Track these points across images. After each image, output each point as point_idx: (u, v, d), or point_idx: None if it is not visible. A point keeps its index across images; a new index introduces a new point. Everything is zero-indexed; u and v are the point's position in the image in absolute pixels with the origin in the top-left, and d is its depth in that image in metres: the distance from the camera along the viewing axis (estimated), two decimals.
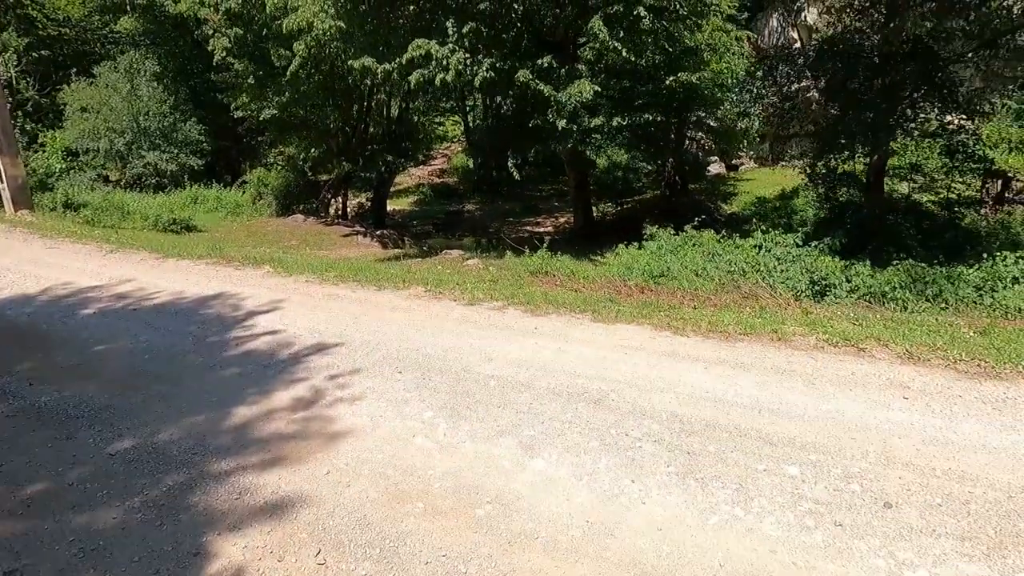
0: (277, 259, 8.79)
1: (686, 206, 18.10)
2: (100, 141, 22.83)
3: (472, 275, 8.19)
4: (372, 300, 6.30)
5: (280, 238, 16.00)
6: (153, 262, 8.64)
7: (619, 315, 5.44)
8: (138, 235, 13.66)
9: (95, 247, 9.93)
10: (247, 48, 17.58)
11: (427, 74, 10.45)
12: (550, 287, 7.13)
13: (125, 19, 23.18)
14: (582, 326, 5.21)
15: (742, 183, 21.32)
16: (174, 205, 20.48)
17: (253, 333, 5.26)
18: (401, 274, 7.88)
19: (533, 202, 24.39)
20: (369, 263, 12.11)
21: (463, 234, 19.37)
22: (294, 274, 7.75)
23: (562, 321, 5.37)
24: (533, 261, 9.77)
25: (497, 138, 22.65)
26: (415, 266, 12.06)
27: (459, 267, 11.43)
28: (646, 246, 11.13)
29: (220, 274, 7.74)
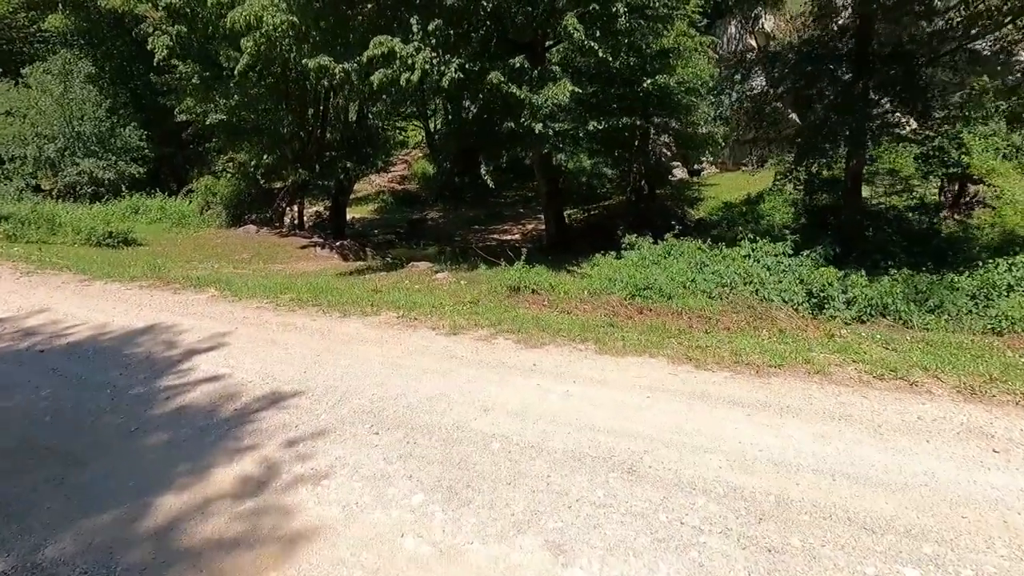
0: (224, 280, 7.66)
1: (654, 212, 17.67)
2: (28, 147, 20.74)
3: (447, 294, 7.30)
4: (336, 331, 5.33)
5: (230, 251, 14.64)
6: (76, 286, 7.38)
7: (626, 344, 4.68)
8: (66, 251, 12.13)
9: (9, 268, 8.53)
10: (192, 48, 16.13)
11: (390, 74, 9.49)
12: (538, 308, 6.32)
13: (54, 16, 21.14)
14: (588, 360, 4.41)
15: (706, 188, 21.11)
16: (112, 216, 18.70)
17: (191, 380, 4.23)
18: (368, 296, 6.91)
19: (498, 209, 23.59)
20: (330, 279, 11.02)
21: (428, 243, 18.38)
22: (244, 298, 6.68)
23: (563, 354, 4.55)
24: (510, 275, 8.94)
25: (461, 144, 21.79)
26: (380, 281, 11.05)
27: (429, 282, 10.49)
28: (626, 256, 10.49)
29: (155, 300, 6.58)
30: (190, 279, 7.70)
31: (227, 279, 7.71)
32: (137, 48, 21.31)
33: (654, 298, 8.07)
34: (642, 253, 10.40)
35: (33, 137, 20.79)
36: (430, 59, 9.44)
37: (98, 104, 21.40)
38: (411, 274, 11.53)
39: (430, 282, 10.51)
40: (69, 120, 20.99)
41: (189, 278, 7.77)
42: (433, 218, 22.52)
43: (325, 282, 8.71)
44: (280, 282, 7.73)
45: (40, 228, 15.71)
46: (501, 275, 10.87)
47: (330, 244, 15.47)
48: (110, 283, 7.55)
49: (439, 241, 18.68)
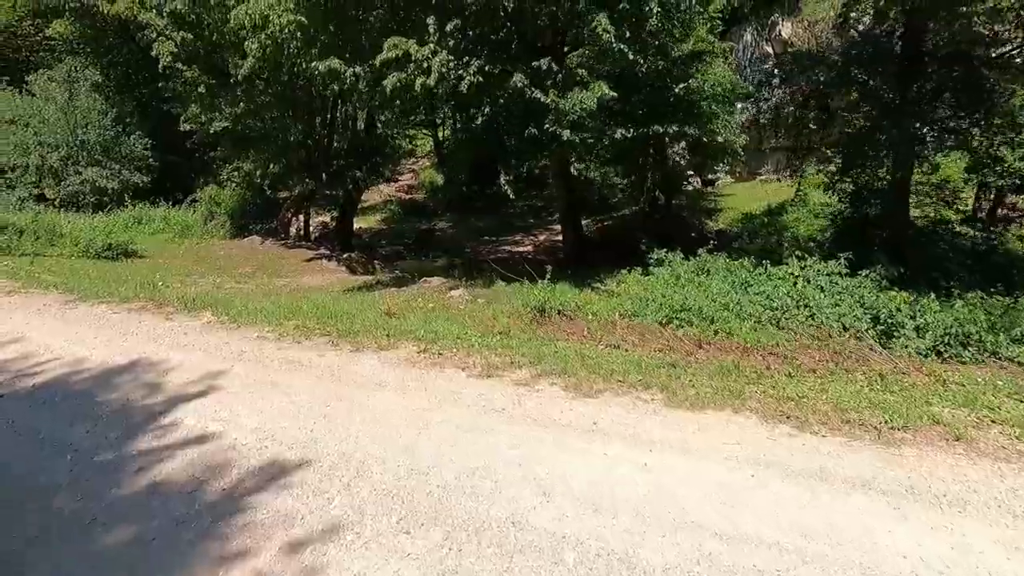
0: (222, 302, 6.81)
1: (671, 223, 16.83)
2: (30, 156, 20.03)
3: (471, 320, 6.44)
4: (349, 371, 4.47)
5: (233, 264, 13.83)
6: (59, 309, 6.54)
7: (699, 393, 3.81)
8: (61, 265, 11.32)
9: None
10: (198, 55, 15.41)
11: (405, 78, 8.70)
12: (579, 339, 5.45)
13: (58, 23, 20.48)
14: (658, 416, 3.54)
15: (722, 198, 20.27)
16: (114, 227, 17.93)
17: (172, 441, 3.38)
18: (382, 322, 6.06)
19: (508, 219, 22.78)
20: (337, 297, 10.18)
21: (437, 255, 17.56)
22: (243, 325, 5.83)
23: (625, 406, 3.69)
24: (535, 295, 8.08)
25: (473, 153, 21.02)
26: (391, 299, 10.20)
27: (444, 301, 9.64)
28: (655, 272, 9.64)
29: (144, 327, 5.74)
30: (185, 300, 6.86)
31: (225, 301, 6.86)
32: (143, 56, 20.63)
33: (694, 322, 7.23)
34: (673, 269, 9.56)
35: (36, 146, 20.08)
36: (447, 62, 8.65)
37: (103, 113, 20.71)
38: (424, 291, 10.69)
39: (445, 301, 9.66)
40: (73, 128, 20.29)
41: (184, 299, 6.92)
42: (442, 228, 21.71)
43: (333, 303, 7.85)
44: (284, 304, 6.88)
45: (39, 239, 14.95)
46: (522, 293, 10.04)
47: (337, 257, 14.66)
48: (97, 305, 6.71)
49: (449, 253, 17.85)
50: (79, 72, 21.28)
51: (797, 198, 16.64)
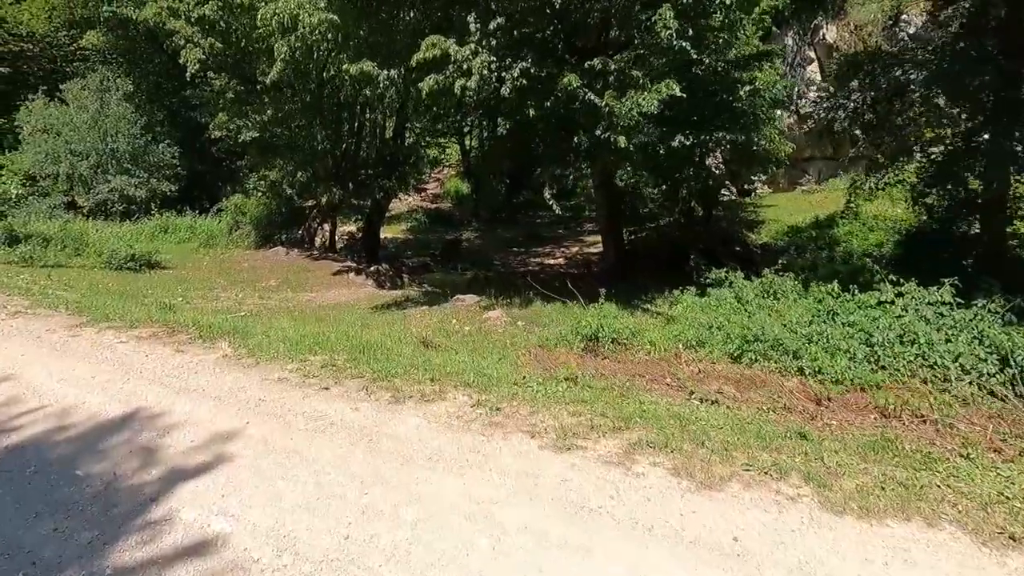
0: (242, 330, 5.94)
1: (713, 236, 15.70)
2: (60, 165, 19.70)
3: (524, 355, 5.49)
4: (388, 435, 3.52)
5: (257, 276, 13.09)
6: (62, 336, 5.74)
7: (858, 486, 2.78)
8: (80, 278, 10.67)
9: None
10: (225, 61, 14.82)
11: (443, 81, 7.81)
12: (664, 389, 4.45)
13: (91, 33, 20.18)
14: (821, 528, 2.52)
15: (763, 209, 19.04)
16: (140, 235, 17.43)
17: (161, 552, 2.46)
18: (421, 359, 5.12)
19: (535, 229, 21.85)
20: (366, 317, 9.31)
21: (465, 267, 16.67)
22: (263, 361, 4.94)
23: (764, 507, 2.67)
24: (586, 323, 7.10)
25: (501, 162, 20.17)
26: (423, 319, 9.30)
27: (481, 323, 8.70)
28: (714, 294, 8.59)
29: (150, 363, 4.89)
30: (201, 326, 6.01)
31: (245, 329, 5.99)
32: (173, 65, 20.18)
33: (772, 356, 6.16)
34: (736, 291, 8.49)
35: (67, 154, 19.75)
36: (488, 63, 7.73)
37: (133, 122, 20.33)
38: (457, 311, 9.77)
39: (482, 324, 8.72)
40: (103, 137, 19.93)
41: (200, 324, 6.08)
42: (469, 239, 20.83)
43: (362, 330, 6.96)
44: (311, 334, 5.98)
45: (66, 248, 14.45)
46: (566, 315, 9.06)
47: (364, 270, 13.83)
48: (104, 331, 5.89)
49: (477, 265, 16.95)
50: (111, 81, 20.97)
51: (848, 210, 15.39)
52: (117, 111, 20.12)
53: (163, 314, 6.79)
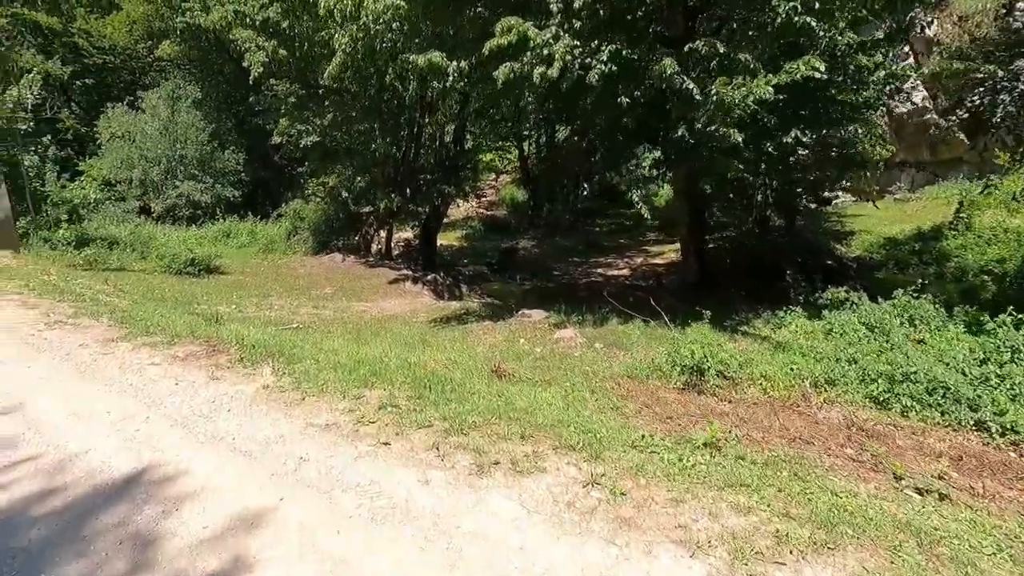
0: (289, 351, 4.99)
1: (799, 247, 13.94)
2: (134, 170, 20.00)
3: (637, 408, 4.28)
4: (474, 532, 2.40)
5: (312, 283, 12.42)
6: (92, 353, 4.96)
7: None
8: (138, 283, 10.22)
9: (39, 313, 6.35)
10: (288, 66, 14.39)
11: (520, 69, 6.74)
12: (847, 467, 3.12)
13: (166, 44, 20.48)
14: None
15: (848, 219, 17.03)
16: (203, 240, 17.28)
17: None
18: (499, 398, 4.00)
19: (594, 238, 20.54)
20: (425, 333, 8.32)
21: (523, 277, 15.57)
22: (309, 395, 3.94)
23: None
24: (687, 351, 5.83)
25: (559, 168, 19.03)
26: (487, 336, 8.22)
27: (553, 344, 7.53)
28: (836, 319, 7.11)
29: (179, 394, 3.98)
30: (244, 345, 5.11)
31: (292, 350, 5.04)
32: (240, 72, 20.27)
33: (939, 405, 4.78)
34: (861, 315, 7.00)
35: (140, 160, 20.04)
36: (571, 48, 6.60)
37: (201, 129, 20.45)
38: (524, 327, 8.63)
39: (555, 345, 7.55)
40: (173, 144, 20.12)
41: (243, 343, 5.18)
42: (525, 248, 19.75)
43: (424, 352, 5.93)
44: (366, 358, 4.96)
45: (134, 251, 14.32)
46: (651, 338, 7.78)
47: (421, 279, 12.94)
48: (140, 348, 5.09)
49: (536, 275, 15.82)
50: (182, 90, 21.23)
51: (958, 220, 13.31)
52: (186, 119, 20.28)
53: (207, 328, 5.97)
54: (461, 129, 14.79)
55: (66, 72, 22.17)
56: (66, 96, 23.65)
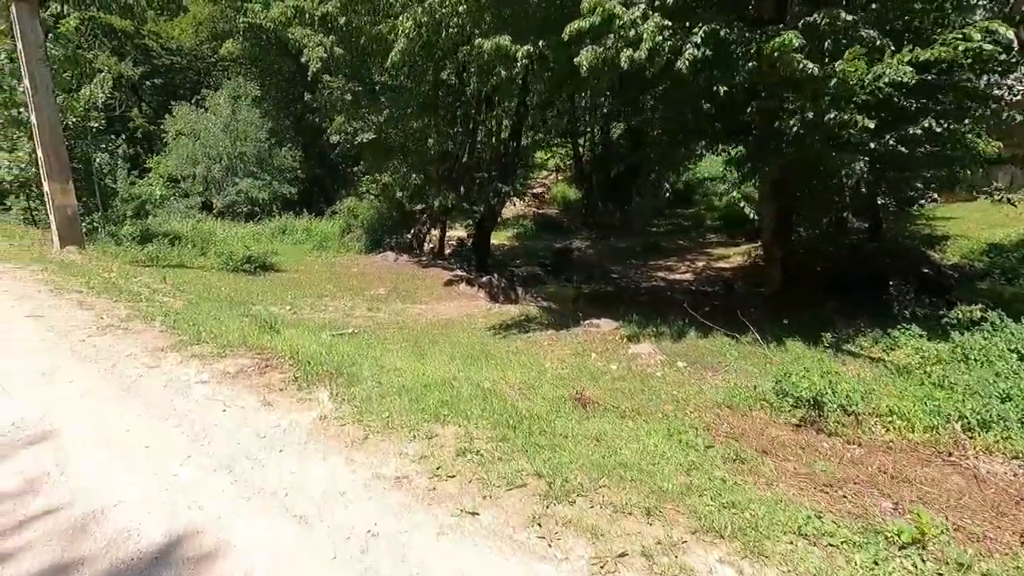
0: (348, 369, 4.37)
1: (890, 253, 12.47)
2: (197, 167, 20.30)
3: (786, 471, 3.41)
4: None
5: (366, 283, 11.98)
6: (138, 365, 4.47)
7: None
8: (195, 281, 9.98)
9: (94, 315, 6.02)
10: (345, 63, 14.05)
11: (603, 53, 5.91)
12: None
13: (229, 43, 20.64)
14: None
15: (939, 222, 15.28)
16: (260, 236, 17.26)
17: None
18: (603, 456, 3.21)
19: (651, 239, 19.40)
20: (487, 342, 7.61)
21: (580, 280, 14.70)
22: (373, 431, 3.27)
23: None
24: (800, 382, 4.91)
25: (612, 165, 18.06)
26: (553, 348, 7.43)
27: (628, 359, 6.66)
28: (974, 344, 5.98)
29: (225, 426, 3.38)
30: (299, 360, 4.53)
31: (351, 368, 4.41)
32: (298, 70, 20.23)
33: None
34: (1008, 339, 5.89)
35: (202, 157, 20.32)
36: (661, 28, 5.70)
37: (260, 126, 20.56)
38: (593, 339, 7.79)
39: (631, 362, 6.68)
40: (234, 141, 20.30)
41: (299, 357, 4.60)
42: (579, 248, 18.84)
43: (493, 371, 5.21)
44: (434, 381, 4.28)
45: (195, 247, 14.32)
46: (740, 355, 6.81)
47: (476, 280, 12.29)
48: (189, 360, 4.58)
49: (593, 277, 14.92)
50: (242, 88, 21.41)
51: None
52: (246, 116, 20.42)
53: (260, 336, 5.45)
54: (519, 125, 14.03)
55: (137, 73, 22.79)
56: (137, 96, 24.35)
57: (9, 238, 12.25)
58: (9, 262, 9.37)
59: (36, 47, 9.56)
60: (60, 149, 9.91)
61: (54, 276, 8.09)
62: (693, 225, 20.65)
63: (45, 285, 7.48)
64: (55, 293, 7.04)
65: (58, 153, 9.86)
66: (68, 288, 7.34)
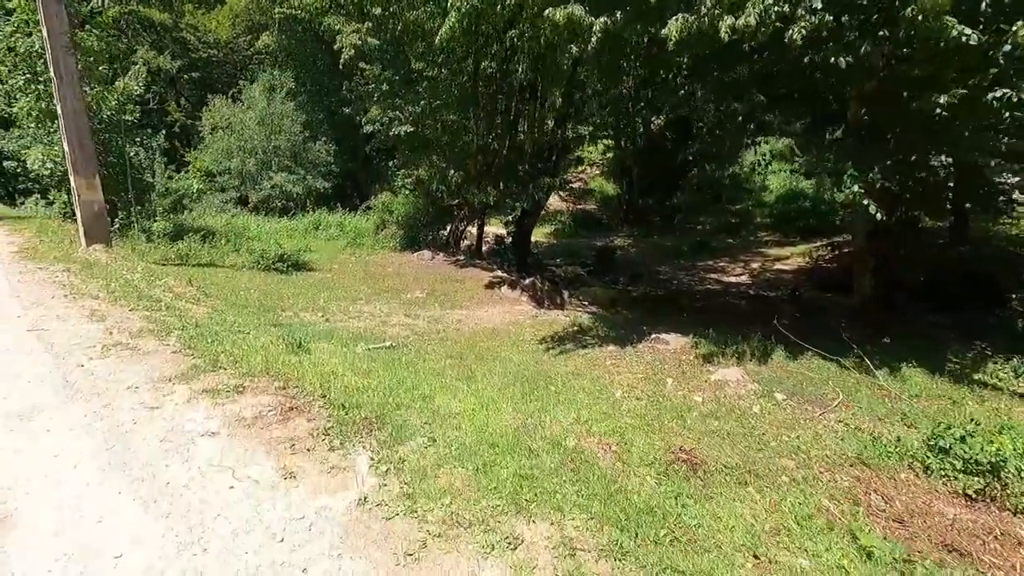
0: (393, 415, 3.39)
1: (988, 257, 10.88)
2: (232, 161, 19.76)
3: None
4: None
5: (403, 285, 11.06)
6: (139, 403, 3.57)
7: None
8: (224, 282, 9.21)
9: (104, 330, 5.20)
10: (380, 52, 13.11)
11: (696, 22, 4.74)
12: None
13: (265, 35, 20.02)
14: None
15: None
16: (293, 232, 16.57)
17: None
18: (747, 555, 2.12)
19: (699, 238, 17.99)
20: (541, 359, 6.54)
21: (626, 282, 13.50)
22: (433, 529, 2.29)
23: None
24: (975, 441, 3.66)
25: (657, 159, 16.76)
26: (622, 373, 6.33)
27: (712, 387, 5.51)
28: None
29: (236, 503, 2.44)
30: (331, 402, 3.57)
31: (396, 416, 3.42)
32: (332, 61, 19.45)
33: None
34: None
35: (238, 151, 19.77)
36: None
37: (294, 119, 19.87)
38: (663, 359, 6.64)
39: (716, 391, 5.53)
40: (269, 135, 19.68)
41: (330, 397, 3.64)
42: (622, 247, 17.59)
43: (571, 417, 4.15)
44: (501, 441, 3.25)
45: (228, 243, 13.69)
46: (849, 384, 5.62)
47: (518, 283, 11.24)
48: (199, 398, 3.67)
49: (639, 279, 13.70)
50: (277, 80, 20.77)
51: None
52: (281, 109, 19.75)
53: (286, 357, 4.53)
54: (564, 115, 12.86)
55: (175, 67, 22.40)
56: (175, 90, 24.01)
57: (43, 234, 11.74)
58: (34, 260, 8.76)
59: (61, 34, 8.86)
60: (86, 141, 9.23)
61: (73, 278, 7.38)
62: (741, 223, 19.13)
63: (61, 289, 6.74)
64: (69, 299, 6.28)
65: (84, 146, 9.18)
66: (84, 293, 6.58)
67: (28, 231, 12.07)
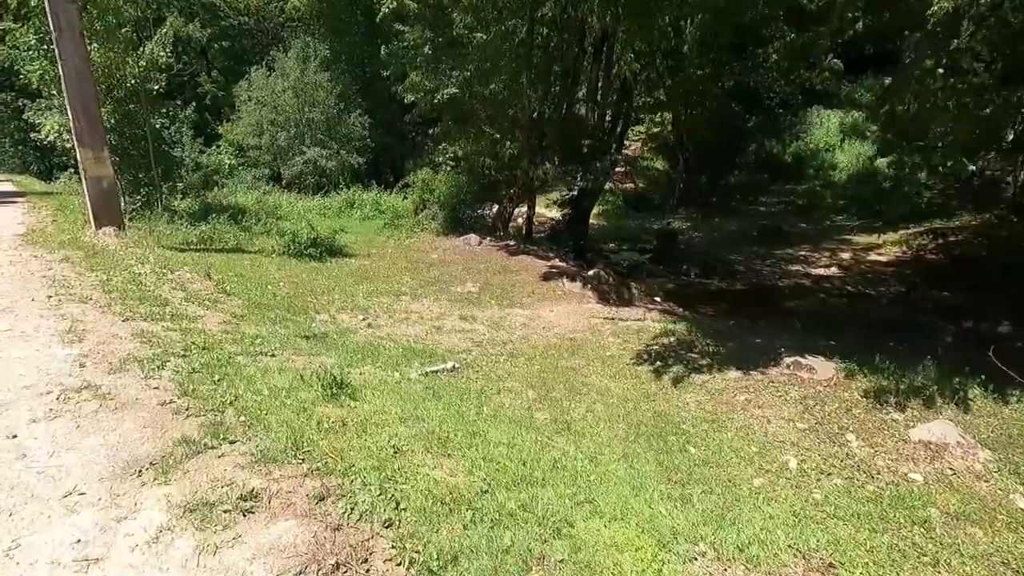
0: (472, 532, 1.76)
1: None
2: (263, 136, 18.23)
3: None
4: None
5: (451, 275, 9.40)
6: (87, 527, 2.04)
7: None
8: (248, 273, 7.68)
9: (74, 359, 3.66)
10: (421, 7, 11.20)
11: None
12: None
13: None
14: None
15: None
16: (327, 211, 15.05)
17: None
18: None
19: (763, 220, 15.82)
20: (643, 385, 4.78)
21: (697, 273, 11.59)
22: None
23: None
24: None
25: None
26: (772, 419, 4.52)
27: (908, 452, 3.79)
28: None
29: None
30: (402, 532, 1.97)
31: (507, 565, 1.81)
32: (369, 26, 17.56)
33: None
34: None
35: (268, 125, 18.22)
36: None
37: (329, 90, 18.14)
38: (818, 400, 4.79)
39: (938, 466, 3.71)
40: (302, 107, 18.04)
41: (399, 522, 2.04)
42: (682, 230, 15.55)
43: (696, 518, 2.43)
44: (626, 546, 1.59)
45: (258, 222, 12.26)
46: None
47: (579, 274, 9.46)
48: (180, 520, 2.11)
49: (711, 270, 11.77)
50: (311, 48, 19.00)
51: None
52: (315, 79, 18.03)
53: (325, 417, 2.92)
54: (631, 81, 10.80)
55: (205, 35, 20.80)
56: (206, 60, 22.48)
57: (62, 212, 10.39)
58: (35, 246, 7.34)
59: None
60: (91, 107, 7.69)
61: (70, 271, 5.91)
62: (808, 205, 16.82)
63: (49, 287, 5.25)
64: (52, 302, 4.77)
65: (88, 112, 7.65)
66: (75, 293, 5.07)
67: (47, 209, 10.77)
